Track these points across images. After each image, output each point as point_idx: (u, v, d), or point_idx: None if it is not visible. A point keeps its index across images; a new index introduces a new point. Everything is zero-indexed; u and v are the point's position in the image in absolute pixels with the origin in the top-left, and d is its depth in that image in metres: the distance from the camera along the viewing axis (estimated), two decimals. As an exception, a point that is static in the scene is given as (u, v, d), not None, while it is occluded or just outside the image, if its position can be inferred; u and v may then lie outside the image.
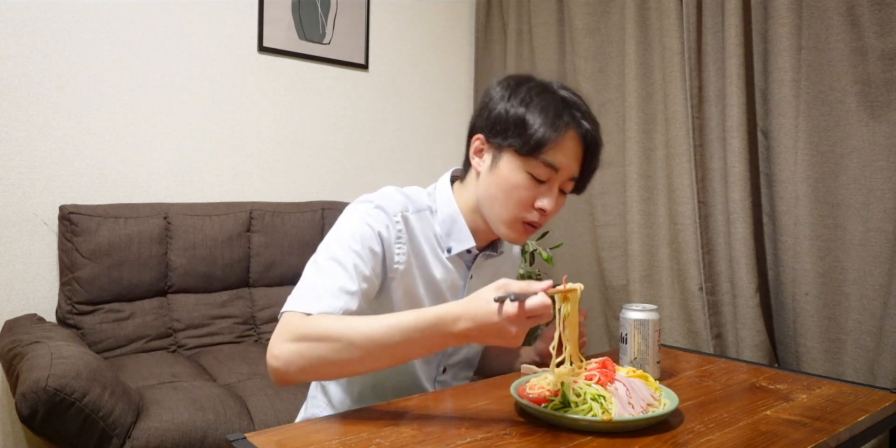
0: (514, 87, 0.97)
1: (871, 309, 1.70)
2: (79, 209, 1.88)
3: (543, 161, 0.92)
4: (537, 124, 0.92)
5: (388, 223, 0.96)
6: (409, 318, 0.80)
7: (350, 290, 0.88)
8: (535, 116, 0.92)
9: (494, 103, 0.97)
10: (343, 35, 2.57)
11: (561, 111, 0.93)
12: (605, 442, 0.76)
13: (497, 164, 0.96)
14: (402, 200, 1.00)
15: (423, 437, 0.77)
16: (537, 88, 0.96)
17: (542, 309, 0.76)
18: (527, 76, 1.00)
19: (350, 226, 0.95)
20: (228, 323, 2.06)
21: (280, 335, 0.84)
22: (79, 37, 1.98)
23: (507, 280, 0.79)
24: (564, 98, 0.95)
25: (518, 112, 0.93)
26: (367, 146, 2.68)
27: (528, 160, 0.93)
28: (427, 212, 1.02)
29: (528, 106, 0.93)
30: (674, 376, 1.07)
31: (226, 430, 1.42)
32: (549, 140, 0.91)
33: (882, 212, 1.69)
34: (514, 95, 0.95)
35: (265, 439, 0.76)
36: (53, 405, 1.22)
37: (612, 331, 2.41)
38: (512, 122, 0.94)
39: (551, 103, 0.94)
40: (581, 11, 2.44)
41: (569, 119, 0.93)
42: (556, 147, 0.92)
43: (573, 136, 0.94)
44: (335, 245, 0.93)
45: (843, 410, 0.90)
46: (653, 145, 2.22)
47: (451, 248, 1.02)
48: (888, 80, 1.68)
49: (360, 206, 0.99)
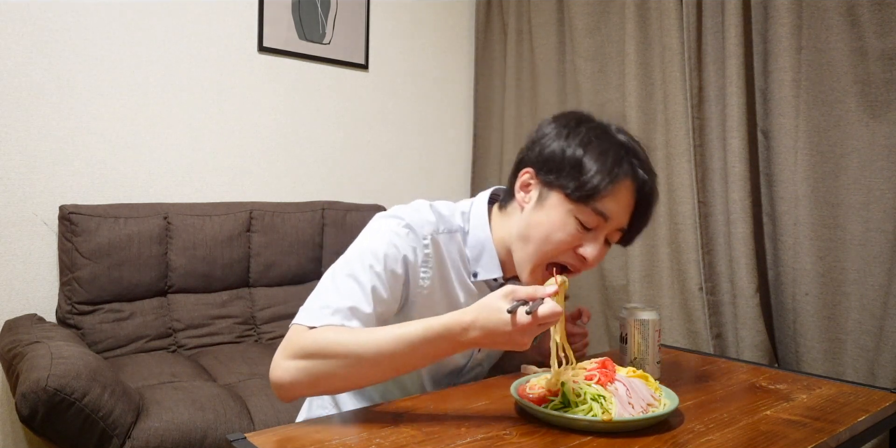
0: (572, 126, 0.93)
1: (871, 309, 1.70)
2: (79, 209, 1.88)
3: (594, 208, 0.88)
4: (594, 170, 0.87)
5: (416, 245, 0.93)
6: (417, 328, 0.79)
7: (363, 312, 0.86)
8: (593, 161, 0.88)
9: (549, 140, 0.93)
10: (343, 35, 2.57)
11: (620, 158, 0.89)
12: (605, 442, 0.76)
13: (543, 203, 0.92)
14: (433, 219, 0.96)
15: (423, 437, 0.77)
16: (596, 131, 0.92)
17: (554, 317, 0.76)
18: (586, 116, 0.96)
19: (375, 243, 0.92)
20: (228, 323, 2.06)
21: (284, 351, 0.84)
22: (79, 37, 1.98)
23: (514, 286, 0.78)
24: (623, 143, 0.91)
25: (575, 153, 0.89)
26: (367, 146, 2.68)
27: (578, 205, 0.89)
28: (458, 233, 0.98)
29: (585, 148, 0.89)
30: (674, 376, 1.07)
31: (226, 430, 1.42)
32: (604, 188, 0.87)
33: (882, 212, 1.69)
34: (573, 135, 0.91)
35: (265, 439, 0.76)
36: (53, 405, 1.22)
37: (612, 331, 2.41)
38: (567, 162, 0.89)
39: (610, 148, 0.90)
40: (581, 11, 2.44)
41: (627, 167, 0.89)
42: (610, 195, 0.88)
43: (629, 185, 0.90)
44: (357, 261, 0.90)
45: (843, 410, 0.90)
46: (653, 145, 2.21)
47: (477, 273, 0.99)
48: (888, 80, 1.68)
49: (390, 222, 0.95)
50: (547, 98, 2.63)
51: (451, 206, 1.02)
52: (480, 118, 2.97)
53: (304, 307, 0.89)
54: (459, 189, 2.99)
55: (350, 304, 0.86)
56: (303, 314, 0.87)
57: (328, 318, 0.85)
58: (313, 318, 0.85)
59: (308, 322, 0.85)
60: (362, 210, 2.45)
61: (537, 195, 0.93)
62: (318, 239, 2.30)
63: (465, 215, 1.00)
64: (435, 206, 0.99)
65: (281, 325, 2.14)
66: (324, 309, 0.86)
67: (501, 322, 0.76)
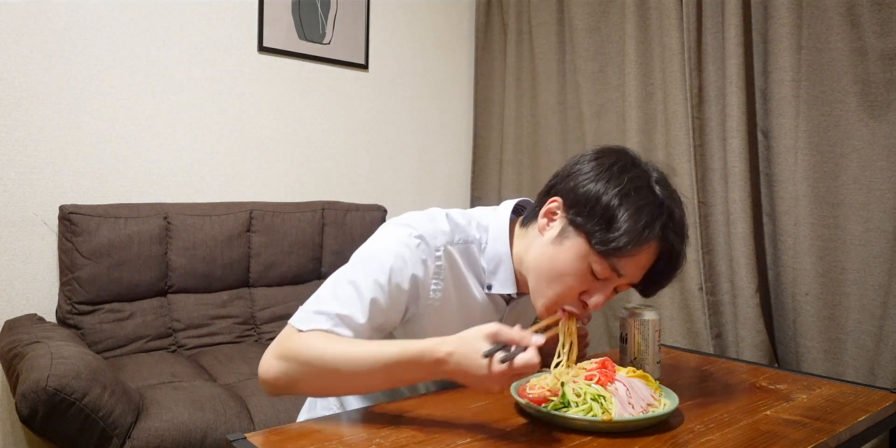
0: (615, 172, 0.87)
1: (871, 309, 1.70)
2: (79, 209, 1.88)
3: (611, 264, 0.85)
4: (624, 228, 0.83)
5: (428, 257, 0.91)
6: (394, 350, 0.79)
7: (356, 322, 0.86)
8: (626, 218, 0.83)
9: (587, 179, 0.87)
10: (343, 35, 2.57)
11: (654, 219, 0.84)
12: (605, 442, 0.76)
13: (563, 241, 0.88)
14: (447, 229, 0.94)
15: (423, 437, 0.77)
16: (637, 182, 0.86)
17: (530, 370, 0.75)
18: (630, 159, 0.90)
19: (383, 253, 0.89)
20: (228, 323, 2.06)
21: (273, 348, 0.85)
22: (79, 37, 1.98)
23: (500, 328, 0.76)
24: (661, 202, 0.86)
25: (611, 203, 0.84)
26: (367, 146, 2.68)
27: (596, 255, 0.85)
28: (474, 244, 0.96)
29: (622, 200, 0.84)
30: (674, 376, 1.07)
31: (226, 430, 1.42)
32: (628, 251, 0.83)
33: (882, 212, 1.69)
34: (613, 182, 0.86)
35: (265, 439, 0.76)
36: (53, 405, 1.22)
37: (612, 331, 2.41)
38: (600, 210, 0.84)
39: (646, 206, 0.84)
40: (581, 11, 2.44)
41: (658, 230, 0.84)
42: (631, 257, 0.85)
43: (653, 247, 0.86)
44: (361, 269, 0.89)
45: (843, 410, 0.90)
46: (653, 145, 2.22)
47: (491, 285, 0.97)
48: (888, 80, 1.68)
49: (402, 231, 0.92)
50: (547, 98, 2.63)
51: (468, 214, 0.99)
52: (480, 118, 2.97)
53: (303, 307, 0.89)
54: (459, 189, 2.99)
55: (345, 313, 0.86)
56: (299, 315, 0.88)
57: (320, 325, 0.85)
58: (307, 322, 0.86)
59: (301, 325, 0.86)
60: (362, 210, 2.45)
61: (559, 229, 0.89)
62: (318, 239, 2.30)
63: (481, 226, 0.98)
64: (451, 215, 0.96)
65: (281, 325, 2.11)
66: (318, 314, 0.86)
67: (476, 364, 0.75)
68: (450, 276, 0.94)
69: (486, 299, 0.98)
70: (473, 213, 1.00)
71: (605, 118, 2.41)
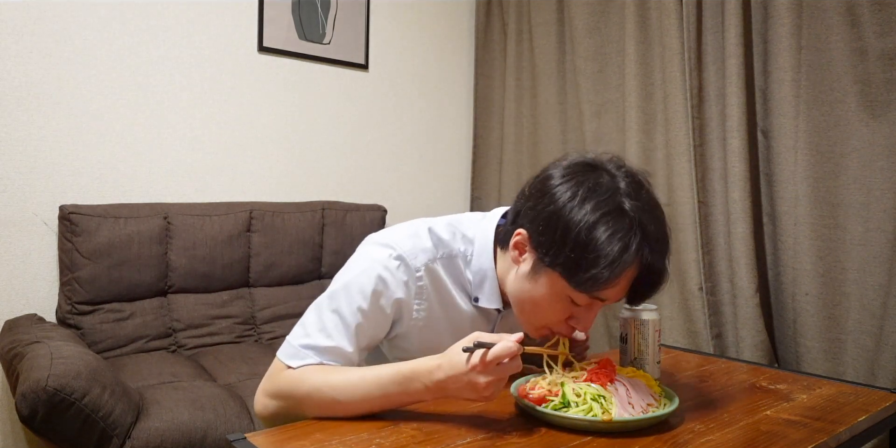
0: (581, 197, 0.81)
1: (871, 309, 1.70)
2: (79, 209, 1.88)
3: (590, 295, 0.83)
4: (596, 267, 0.78)
5: (408, 277, 0.90)
6: (387, 372, 0.81)
7: (346, 352, 0.88)
8: (598, 251, 0.78)
9: (552, 209, 0.82)
10: (343, 35, 2.57)
11: (627, 244, 0.78)
12: (605, 442, 0.76)
13: (537, 278, 0.85)
14: (430, 247, 0.92)
15: (423, 437, 0.77)
16: (606, 204, 0.80)
17: (507, 353, 0.75)
18: (597, 175, 0.83)
19: (364, 278, 0.88)
20: (228, 323, 2.06)
21: (266, 387, 0.87)
22: (79, 37, 1.98)
23: (480, 333, 0.79)
24: (633, 221, 0.80)
25: (580, 237, 0.79)
26: (367, 146, 2.68)
27: (573, 291, 0.82)
28: (459, 258, 0.95)
29: (591, 230, 0.78)
30: (674, 376, 1.07)
31: (226, 430, 1.42)
32: (600, 285, 0.80)
33: (882, 212, 1.69)
34: (578, 210, 0.80)
35: (265, 439, 0.76)
36: (53, 405, 1.22)
37: (612, 331, 2.41)
38: (569, 246, 0.79)
39: (618, 231, 0.78)
40: (581, 11, 2.44)
41: (633, 254, 0.79)
42: (612, 285, 0.81)
43: (631, 273, 0.82)
44: (343, 297, 0.88)
45: (843, 410, 0.90)
46: (653, 145, 2.22)
47: (478, 298, 0.96)
48: (888, 80, 1.68)
49: (381, 252, 0.90)
50: (547, 98, 2.63)
51: (454, 226, 0.97)
52: (480, 118, 2.97)
53: (290, 340, 0.90)
54: (459, 189, 2.99)
55: (332, 345, 0.87)
56: (288, 350, 0.89)
57: (310, 360, 0.87)
58: (296, 358, 0.87)
59: (291, 361, 0.87)
60: (362, 210, 2.45)
61: (531, 266, 0.85)
62: (318, 239, 2.30)
63: (467, 238, 0.96)
64: (434, 229, 0.94)
65: (281, 325, 2.14)
66: (307, 349, 0.87)
67: (459, 363, 0.77)
68: (433, 294, 0.93)
69: (475, 311, 0.98)
70: (459, 225, 0.98)
71: (605, 118, 2.41)
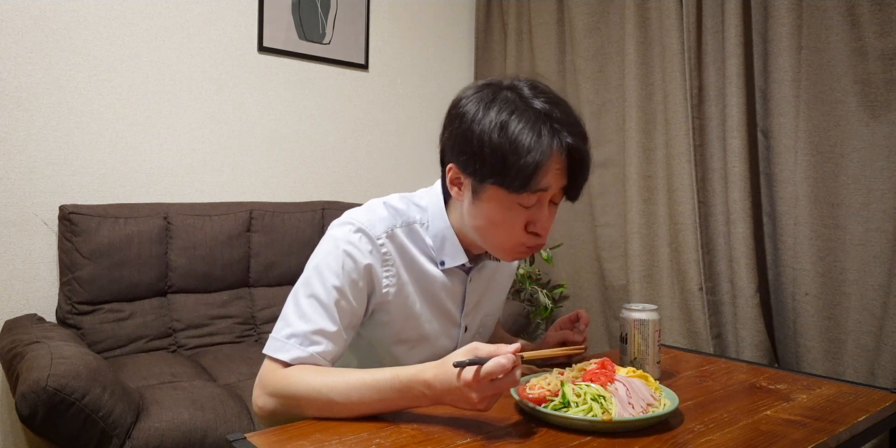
0: (483, 107, 0.86)
1: (871, 309, 1.70)
2: (79, 209, 1.88)
3: (532, 190, 0.85)
4: (519, 160, 0.82)
5: (372, 247, 0.92)
6: (386, 377, 0.81)
7: (329, 332, 0.88)
8: (515, 149, 0.82)
9: (463, 129, 0.87)
10: (343, 35, 2.57)
11: (541, 131, 0.82)
12: (605, 442, 0.76)
13: (479, 197, 0.88)
14: (387, 216, 0.95)
15: (423, 437, 0.77)
16: (508, 104, 0.85)
17: (500, 370, 0.74)
18: (495, 86, 0.89)
19: (331, 257, 0.91)
20: (228, 323, 2.06)
21: (262, 386, 0.87)
22: (79, 37, 1.98)
23: (477, 344, 0.78)
24: (540, 111, 0.84)
25: (494, 144, 0.83)
26: (367, 146, 2.68)
27: (515, 194, 0.85)
28: (416, 225, 0.98)
29: (503, 133, 0.83)
30: (674, 376, 1.07)
31: (226, 430, 1.42)
32: (533, 173, 0.82)
33: (882, 212, 1.69)
34: (485, 119, 0.84)
35: (265, 439, 0.76)
36: (53, 405, 1.22)
37: (612, 331, 2.41)
38: (489, 157, 0.83)
39: (528, 124, 0.83)
40: (581, 11, 2.44)
41: (550, 138, 0.83)
42: (543, 172, 0.83)
43: (557, 154, 0.84)
44: (316, 280, 0.91)
45: (843, 410, 0.90)
46: (653, 145, 2.22)
47: (444, 261, 0.98)
48: (888, 80, 1.68)
49: (342, 230, 0.94)
50: (547, 98, 2.62)
51: (406, 198, 1.00)
52: (480, 118, 2.96)
53: (274, 335, 0.90)
54: (459, 189, 2.99)
55: (315, 328, 0.88)
56: (274, 344, 0.89)
57: (297, 350, 0.87)
58: (283, 351, 0.88)
59: (280, 354, 0.87)
60: (362, 210, 2.45)
61: (471, 192, 0.89)
62: (317, 239, 2.26)
63: (420, 206, 1.00)
64: (389, 202, 0.98)
65: (281, 325, 2.14)
66: (291, 339, 0.88)
67: (451, 377, 0.76)
68: (399, 261, 0.95)
69: (444, 276, 0.99)
70: (411, 196, 1.02)
71: (605, 118, 2.41)
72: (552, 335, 1.10)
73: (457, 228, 0.97)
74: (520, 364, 0.76)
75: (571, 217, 2.55)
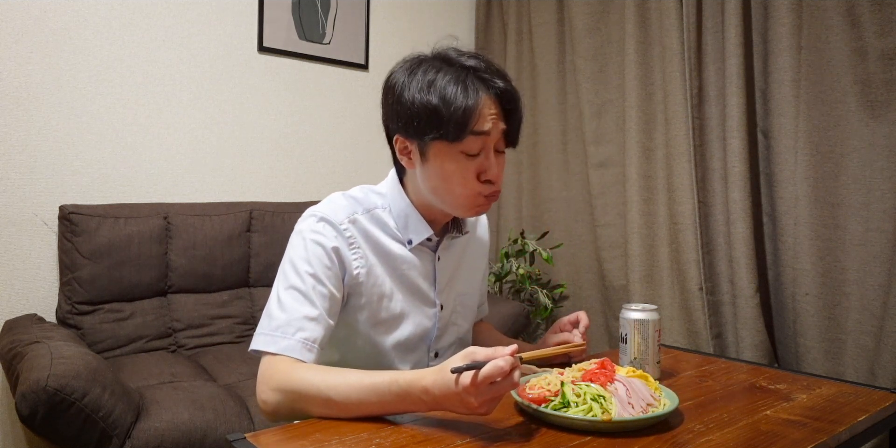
0: (409, 73, 0.92)
1: (871, 309, 1.70)
2: (79, 209, 1.88)
3: (472, 134, 0.89)
4: (450, 107, 0.87)
5: (336, 233, 0.95)
6: (385, 380, 0.80)
7: (312, 316, 0.90)
8: (444, 99, 0.88)
9: (398, 98, 0.92)
10: (343, 35, 2.57)
11: (465, 81, 0.89)
12: (605, 442, 0.76)
13: (427, 157, 0.93)
14: (347, 205, 0.99)
15: (422, 437, 0.77)
16: (432, 67, 0.92)
17: (498, 373, 0.73)
18: (418, 56, 0.96)
19: (300, 248, 0.94)
20: (228, 323, 2.06)
21: (265, 381, 0.87)
22: (79, 37, 1.98)
23: (475, 348, 0.77)
24: (464, 66, 0.91)
25: (424, 100, 0.89)
26: (366, 146, 2.68)
27: (457, 143, 0.90)
28: (378, 210, 1.01)
29: (431, 89, 0.89)
30: (674, 376, 1.07)
31: (226, 430, 1.42)
32: (468, 117, 0.88)
33: (882, 212, 1.69)
34: (414, 81, 0.91)
35: (265, 439, 0.76)
36: (53, 405, 1.22)
37: (612, 331, 2.41)
38: (423, 114, 0.89)
39: (451, 78, 0.89)
40: (581, 11, 2.44)
41: (477, 85, 0.89)
42: (478, 117, 0.88)
43: (487, 99, 0.89)
44: (291, 272, 0.93)
45: (843, 410, 0.90)
46: (653, 145, 2.22)
47: (411, 239, 1.01)
48: (888, 80, 1.68)
49: (305, 224, 0.97)
50: (547, 98, 2.63)
51: (366, 188, 1.04)
52: (480, 118, 2.96)
53: (260, 331, 0.91)
54: (459, 189, 2.99)
55: (299, 315, 0.89)
56: (262, 339, 0.90)
57: (285, 340, 0.88)
58: (272, 343, 0.89)
59: (270, 348, 0.88)
60: (362, 210, 2.45)
61: (419, 154, 0.94)
62: (318, 239, 2.30)
63: (380, 193, 1.03)
64: (348, 193, 1.02)
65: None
66: (277, 330, 0.89)
67: (450, 383, 0.75)
68: (364, 244, 0.98)
69: (413, 255, 1.02)
70: (370, 186, 1.06)
71: (605, 118, 2.41)
72: (551, 338, 1.09)
73: (417, 203, 1.01)
74: (518, 366, 0.76)
75: (571, 217, 2.55)
